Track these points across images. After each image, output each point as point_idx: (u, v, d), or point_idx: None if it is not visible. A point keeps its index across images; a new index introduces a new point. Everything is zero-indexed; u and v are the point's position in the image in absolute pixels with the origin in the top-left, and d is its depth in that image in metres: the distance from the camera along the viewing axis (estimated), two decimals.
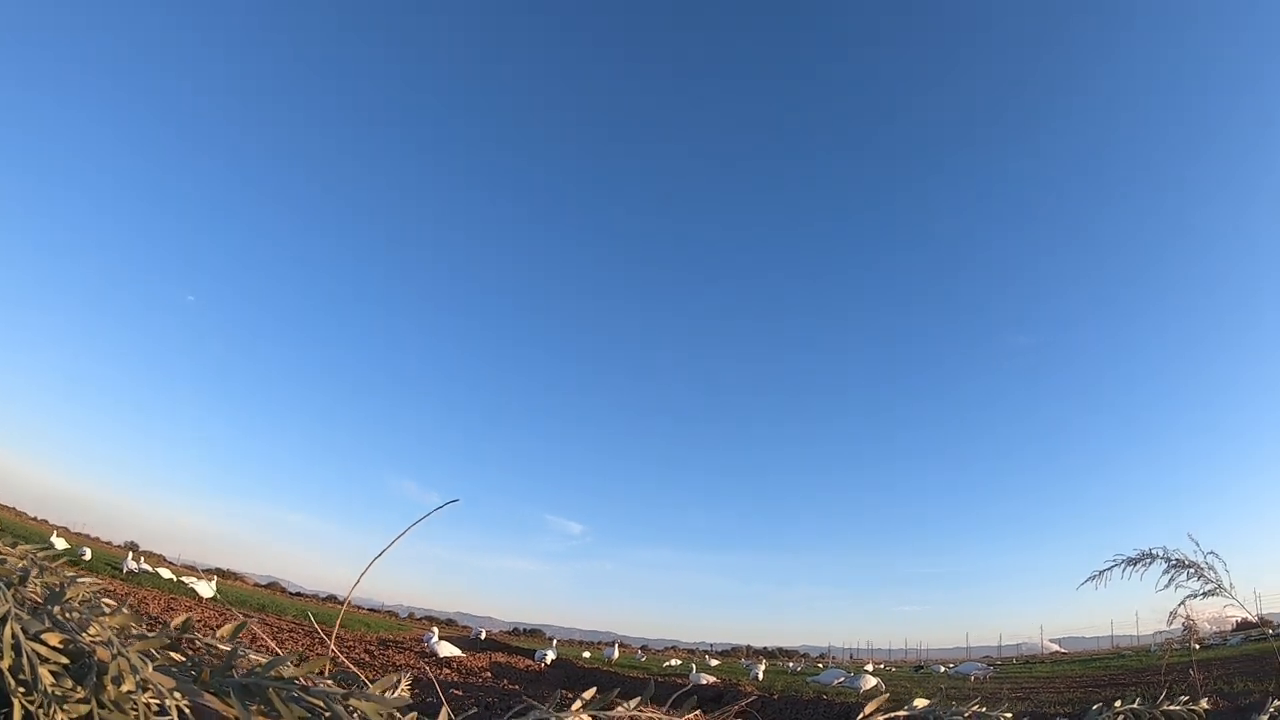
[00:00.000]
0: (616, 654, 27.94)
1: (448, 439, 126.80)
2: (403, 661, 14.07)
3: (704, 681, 15.11)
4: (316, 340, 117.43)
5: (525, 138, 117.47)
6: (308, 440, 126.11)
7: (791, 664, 42.54)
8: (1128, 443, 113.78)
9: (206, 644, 1.07)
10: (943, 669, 29.91)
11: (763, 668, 22.15)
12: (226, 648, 1.07)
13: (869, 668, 28.77)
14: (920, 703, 2.58)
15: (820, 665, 37.02)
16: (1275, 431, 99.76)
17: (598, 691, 1.20)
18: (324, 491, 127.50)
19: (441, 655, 16.09)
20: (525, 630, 65.28)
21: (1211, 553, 5.63)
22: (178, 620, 1.04)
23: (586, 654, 31.47)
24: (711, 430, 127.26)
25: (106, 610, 1.06)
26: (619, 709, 1.17)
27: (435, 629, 20.98)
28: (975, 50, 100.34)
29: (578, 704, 1.15)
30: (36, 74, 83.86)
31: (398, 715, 0.94)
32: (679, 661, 30.94)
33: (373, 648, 17.53)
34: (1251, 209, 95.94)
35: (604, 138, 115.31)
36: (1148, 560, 5.81)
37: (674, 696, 1.31)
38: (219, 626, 1.20)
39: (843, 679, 16.85)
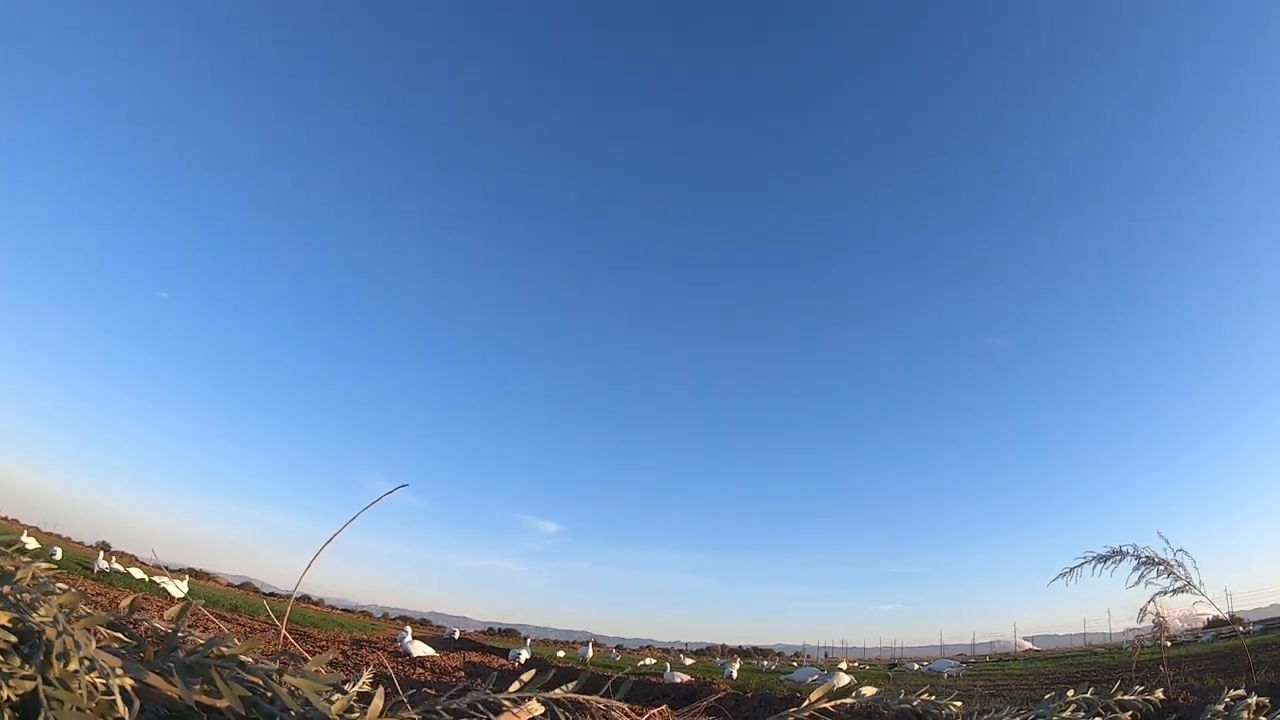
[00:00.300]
0: (591, 653, 27.93)
1: (423, 437, 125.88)
2: (374, 661, 13.98)
3: (678, 680, 15.19)
4: (296, 339, 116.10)
5: (522, 137, 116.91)
6: (282, 439, 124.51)
7: (766, 663, 42.79)
8: (1102, 444, 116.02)
9: (153, 626, 1.11)
10: (916, 667, 30.29)
11: (737, 666, 22.31)
12: (172, 629, 1.10)
13: (843, 666, 29.11)
14: (868, 691, 2.67)
15: (794, 664, 37.30)
16: (1248, 433, 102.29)
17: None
18: (298, 490, 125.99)
19: (415, 655, 16.00)
20: (500, 630, 64.95)
21: (1181, 550, 5.74)
22: (124, 602, 1.08)
23: (561, 653, 31.44)
24: (690, 431, 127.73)
25: (58, 593, 1.10)
26: (556, 691, 1.22)
27: (409, 629, 20.86)
28: (963, 54, 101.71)
29: (515, 684, 1.20)
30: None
31: (334, 690, 0.99)
32: (653, 660, 31.01)
33: (346, 647, 17.37)
34: (1233, 211, 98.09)
35: (599, 138, 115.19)
36: (1118, 557, 5.91)
37: (608, 684, 1.36)
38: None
39: (816, 677, 17.06)
